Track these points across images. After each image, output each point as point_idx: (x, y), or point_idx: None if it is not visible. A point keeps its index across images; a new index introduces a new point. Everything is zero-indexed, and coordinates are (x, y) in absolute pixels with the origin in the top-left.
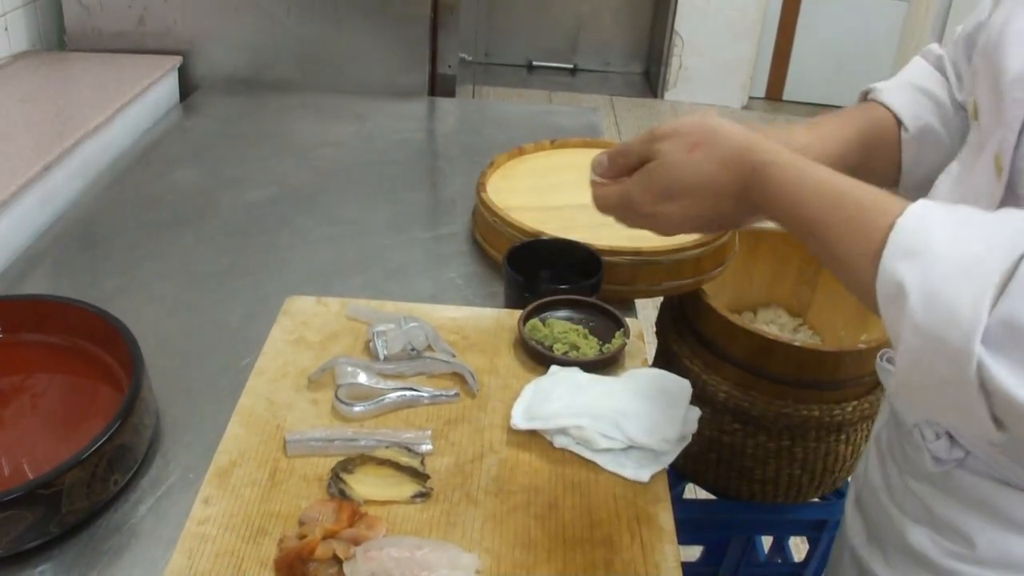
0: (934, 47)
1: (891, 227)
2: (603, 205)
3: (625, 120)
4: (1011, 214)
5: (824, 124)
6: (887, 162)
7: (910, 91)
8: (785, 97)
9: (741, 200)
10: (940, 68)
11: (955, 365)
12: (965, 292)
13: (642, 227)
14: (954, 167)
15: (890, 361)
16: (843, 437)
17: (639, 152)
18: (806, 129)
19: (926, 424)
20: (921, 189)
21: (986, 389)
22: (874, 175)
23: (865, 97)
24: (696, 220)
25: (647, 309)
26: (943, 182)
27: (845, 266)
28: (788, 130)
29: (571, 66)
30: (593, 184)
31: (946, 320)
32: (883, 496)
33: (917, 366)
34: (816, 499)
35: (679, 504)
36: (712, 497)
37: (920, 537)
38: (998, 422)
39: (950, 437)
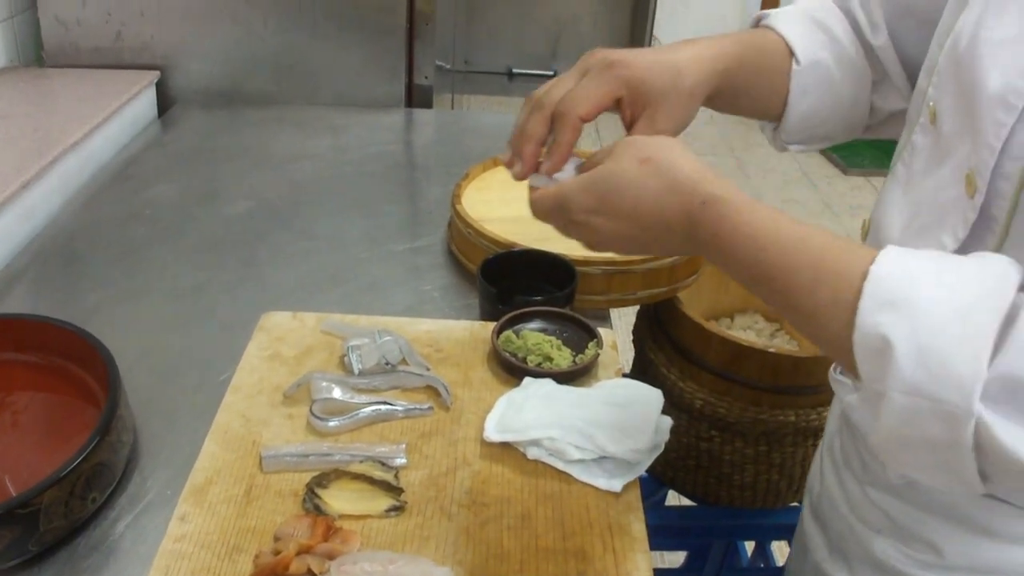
0: None
1: (864, 275)
2: (540, 209)
3: (606, 124)
4: (987, 258)
5: (705, 40)
6: (772, 91)
7: (806, 22)
8: None
9: (688, 238)
10: (844, 6)
11: (949, 424)
12: (961, 347)
13: (575, 236)
14: (900, 171)
15: (843, 374)
16: (820, 442)
17: (603, 158)
18: (684, 43)
19: None
20: (804, 124)
21: (980, 447)
22: (758, 102)
23: (758, 24)
24: (629, 243)
25: (628, 316)
26: (890, 190)
27: (809, 317)
28: (671, 47)
29: (552, 72)
30: (531, 190)
31: (941, 378)
32: (843, 508)
33: (905, 424)
34: (795, 503)
35: (661, 511)
36: (693, 503)
37: (885, 548)
38: (984, 476)
39: None
